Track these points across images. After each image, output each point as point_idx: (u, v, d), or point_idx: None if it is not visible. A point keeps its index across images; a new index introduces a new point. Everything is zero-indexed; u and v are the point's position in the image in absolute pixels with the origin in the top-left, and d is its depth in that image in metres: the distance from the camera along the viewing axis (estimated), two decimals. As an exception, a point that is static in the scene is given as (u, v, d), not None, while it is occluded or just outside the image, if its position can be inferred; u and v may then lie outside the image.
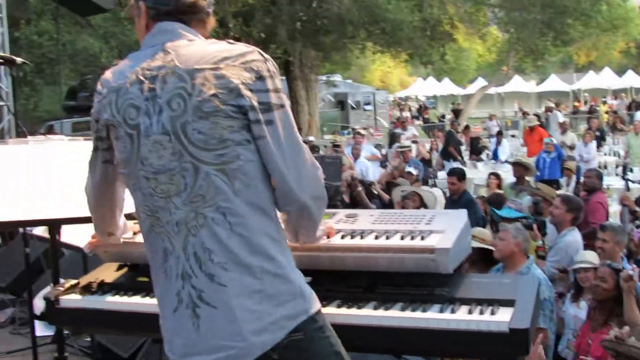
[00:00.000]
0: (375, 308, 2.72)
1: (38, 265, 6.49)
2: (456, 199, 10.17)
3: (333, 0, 21.03)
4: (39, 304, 5.54)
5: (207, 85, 2.30)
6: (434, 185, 14.27)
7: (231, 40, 2.45)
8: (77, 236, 4.43)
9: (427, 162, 18.47)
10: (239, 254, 2.30)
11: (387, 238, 2.87)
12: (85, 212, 2.98)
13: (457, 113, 38.28)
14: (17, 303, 7.11)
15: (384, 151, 19.60)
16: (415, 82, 56.37)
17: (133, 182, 2.43)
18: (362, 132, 19.40)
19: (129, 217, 3.18)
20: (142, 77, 2.38)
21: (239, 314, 2.29)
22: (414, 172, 12.98)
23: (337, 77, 38.17)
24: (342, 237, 2.93)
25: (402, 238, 2.85)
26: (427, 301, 2.72)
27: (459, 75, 54.20)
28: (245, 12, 21.14)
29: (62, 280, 3.87)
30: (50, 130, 20.09)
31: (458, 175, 10.38)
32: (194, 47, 2.41)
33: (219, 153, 2.30)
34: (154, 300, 2.60)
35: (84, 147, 3.29)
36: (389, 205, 11.09)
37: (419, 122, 39.46)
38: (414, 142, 19.80)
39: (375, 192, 12.19)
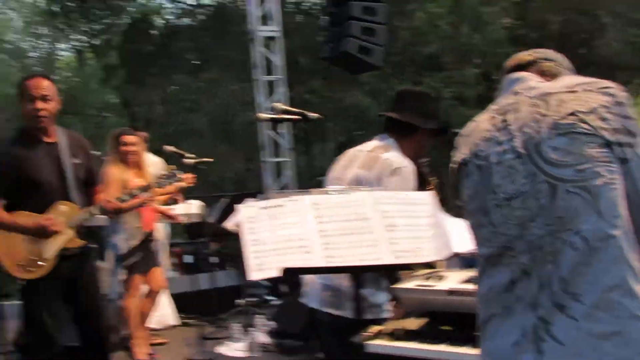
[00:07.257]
0: None
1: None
2: None
3: (601, 44, 20.13)
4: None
5: (564, 105, 2.20)
6: None
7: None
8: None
9: None
10: (598, 286, 2.05)
11: None
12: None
13: None
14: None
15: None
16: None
17: (480, 217, 2.34)
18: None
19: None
20: (492, 114, 2.39)
21: (590, 356, 2.02)
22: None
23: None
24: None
25: None
26: None
27: None
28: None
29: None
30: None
31: None
32: (543, 84, 2.39)
33: (578, 169, 2.11)
34: (459, 349, 2.59)
35: (400, 196, 3.40)
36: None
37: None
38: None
39: None
